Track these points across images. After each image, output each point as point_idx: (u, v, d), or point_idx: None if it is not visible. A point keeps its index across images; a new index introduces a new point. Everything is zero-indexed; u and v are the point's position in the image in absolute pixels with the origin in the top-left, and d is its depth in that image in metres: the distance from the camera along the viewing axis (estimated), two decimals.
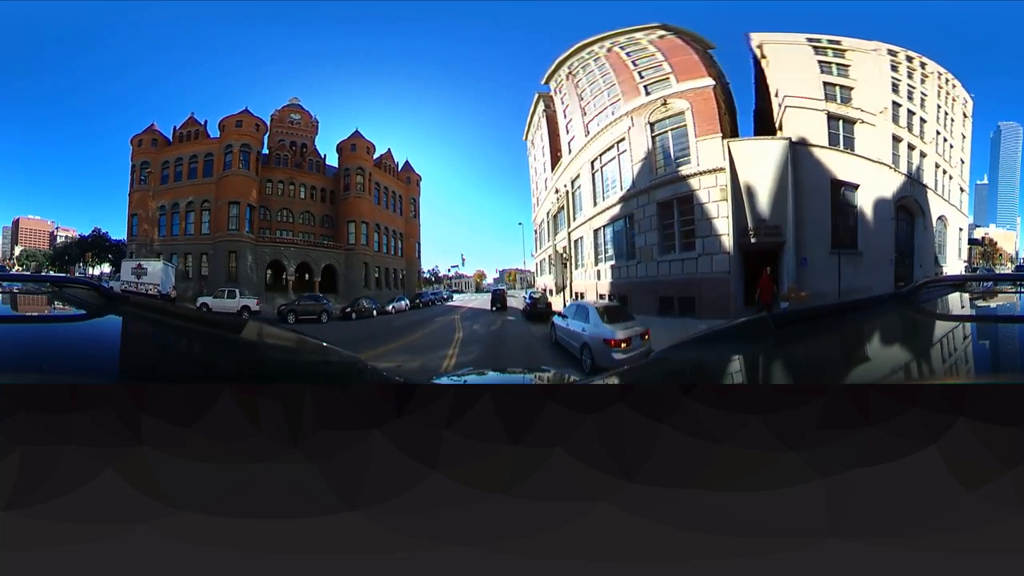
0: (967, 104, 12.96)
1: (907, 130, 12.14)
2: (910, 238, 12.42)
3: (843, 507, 1.08)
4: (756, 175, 11.64)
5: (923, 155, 12.34)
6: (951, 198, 13.03)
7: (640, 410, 1.14)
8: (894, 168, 12.06)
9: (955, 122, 12.82)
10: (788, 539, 1.08)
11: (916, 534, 1.06)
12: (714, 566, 1.08)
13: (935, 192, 12.59)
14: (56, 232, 17.43)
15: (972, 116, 12.98)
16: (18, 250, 17.08)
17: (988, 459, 1.08)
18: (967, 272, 12.47)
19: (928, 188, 12.47)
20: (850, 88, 11.90)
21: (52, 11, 11.64)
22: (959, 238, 13.25)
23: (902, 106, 12.06)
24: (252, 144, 14.53)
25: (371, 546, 1.10)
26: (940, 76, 12.37)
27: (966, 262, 13.48)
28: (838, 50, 11.92)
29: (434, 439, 1.14)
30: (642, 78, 12.94)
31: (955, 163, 13.05)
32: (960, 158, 13.21)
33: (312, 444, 1.14)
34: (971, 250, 14.21)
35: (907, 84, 12.06)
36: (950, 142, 12.84)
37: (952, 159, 12.96)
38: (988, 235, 15.68)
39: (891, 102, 11.91)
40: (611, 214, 14.08)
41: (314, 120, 15.38)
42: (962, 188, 13.36)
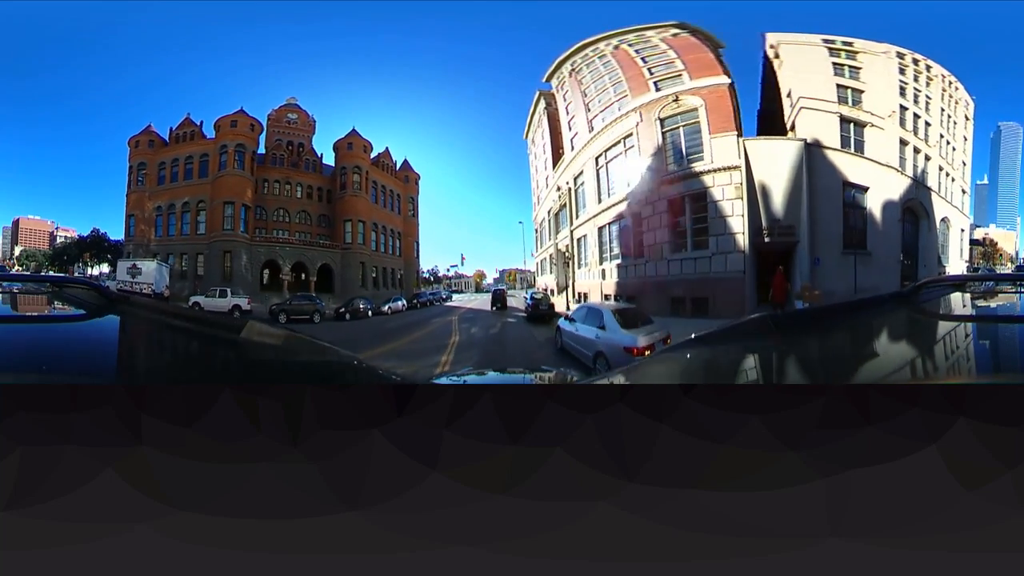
0: (968, 106, 13.06)
1: (913, 133, 12.25)
2: (915, 239, 12.51)
3: (843, 507, 1.08)
4: (771, 175, 11.64)
5: (927, 158, 12.46)
6: (953, 200, 13.14)
7: (640, 410, 1.14)
8: (900, 171, 12.16)
9: (957, 125, 12.95)
10: (788, 539, 1.08)
11: (916, 534, 1.06)
12: (714, 566, 1.08)
13: (938, 194, 12.71)
14: (56, 232, 17.44)
15: (973, 118, 13.09)
16: (18, 250, 17.08)
17: (988, 459, 1.08)
18: (969, 272, 12.56)
19: (932, 191, 12.59)
20: (861, 91, 11.98)
21: (52, 11, 11.66)
22: (961, 239, 13.38)
23: (908, 109, 12.18)
24: (247, 144, 14.52)
25: (371, 546, 1.10)
26: (943, 79, 12.46)
27: (967, 262, 13.62)
28: (851, 52, 11.99)
29: (434, 439, 1.14)
30: (652, 74, 12.82)
31: (957, 165, 13.20)
32: (962, 160, 13.34)
33: (312, 444, 1.14)
34: (972, 250, 14.33)
35: (913, 87, 12.17)
36: (953, 145, 12.96)
37: (954, 161, 13.10)
38: (988, 235, 15.72)
39: (899, 105, 12.01)
40: (617, 211, 13.75)
41: (311, 119, 15.37)
42: (964, 190, 13.48)
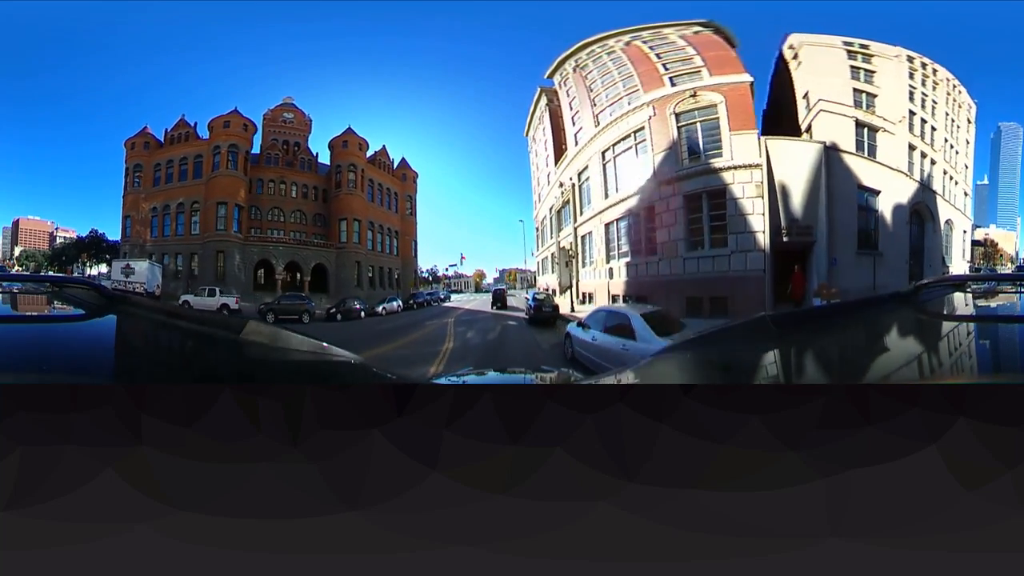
0: (971, 110, 13.30)
1: (920, 138, 12.58)
2: (921, 240, 12.80)
3: (843, 507, 1.08)
4: (792, 175, 11.77)
5: (933, 163, 12.77)
6: (956, 202, 13.44)
7: (640, 410, 1.14)
8: (909, 175, 12.49)
9: (960, 128, 13.22)
10: (788, 539, 1.08)
11: (916, 534, 1.06)
12: (714, 566, 1.08)
13: (943, 197, 13.03)
14: (56, 233, 17.46)
15: (975, 121, 13.34)
16: (18, 250, 17.10)
17: (988, 459, 1.08)
18: (971, 272, 12.85)
19: (937, 194, 12.90)
20: (874, 95, 12.19)
21: (52, 11, 11.70)
22: (964, 240, 13.68)
23: (916, 115, 12.45)
24: (240, 144, 14.56)
25: (371, 546, 1.10)
26: (948, 82, 12.69)
27: (969, 262, 13.92)
28: (867, 55, 12.14)
29: (434, 439, 1.14)
30: (667, 70, 12.72)
31: (960, 169, 13.53)
32: (964, 163, 13.62)
33: (312, 444, 1.14)
34: (974, 251, 14.62)
35: (921, 92, 12.43)
36: (956, 148, 13.25)
37: (957, 165, 13.43)
38: (988, 236, 15.82)
39: (908, 111, 12.26)
40: (627, 206, 13.24)
41: (307, 119, 15.34)
42: (966, 192, 13.76)
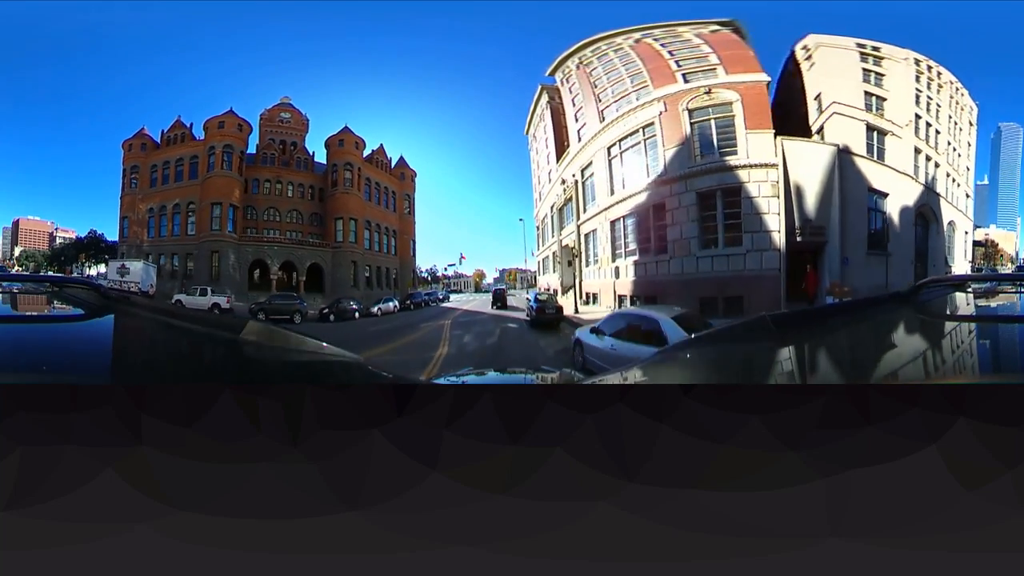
0: (973, 112, 13.50)
1: (925, 142, 12.84)
2: (925, 241, 13.06)
3: (843, 507, 1.08)
4: (806, 176, 11.94)
5: (937, 165, 13.02)
6: (958, 204, 13.71)
7: (640, 410, 1.14)
8: (914, 178, 12.75)
9: (962, 131, 13.45)
10: (788, 539, 1.08)
11: (916, 534, 1.06)
12: (714, 566, 1.08)
13: (946, 199, 13.29)
14: (55, 233, 17.48)
15: (976, 123, 13.55)
16: (18, 250, 17.12)
17: (988, 459, 1.08)
18: (972, 272, 13.07)
19: (940, 196, 13.15)
20: (884, 99, 12.40)
21: (52, 11, 11.71)
22: (965, 241, 13.94)
23: (922, 118, 12.67)
24: (235, 144, 14.59)
25: (371, 546, 1.10)
26: (951, 85, 12.90)
27: (971, 263, 14.16)
28: (877, 57, 12.30)
29: (434, 439, 1.14)
30: (679, 66, 12.68)
31: (962, 171, 13.84)
32: (966, 166, 13.87)
33: (312, 444, 1.14)
34: (975, 252, 14.89)
35: (927, 96, 12.65)
36: (958, 151, 13.53)
37: (959, 167, 13.71)
38: (989, 236, 15.91)
39: (914, 115, 12.48)
40: (635, 203, 12.90)
41: (304, 118, 15.34)
42: (968, 194, 13.99)
